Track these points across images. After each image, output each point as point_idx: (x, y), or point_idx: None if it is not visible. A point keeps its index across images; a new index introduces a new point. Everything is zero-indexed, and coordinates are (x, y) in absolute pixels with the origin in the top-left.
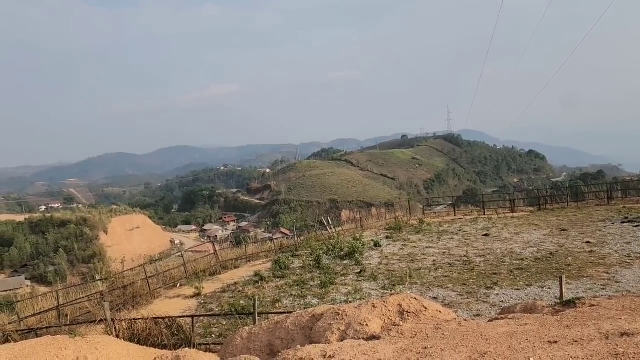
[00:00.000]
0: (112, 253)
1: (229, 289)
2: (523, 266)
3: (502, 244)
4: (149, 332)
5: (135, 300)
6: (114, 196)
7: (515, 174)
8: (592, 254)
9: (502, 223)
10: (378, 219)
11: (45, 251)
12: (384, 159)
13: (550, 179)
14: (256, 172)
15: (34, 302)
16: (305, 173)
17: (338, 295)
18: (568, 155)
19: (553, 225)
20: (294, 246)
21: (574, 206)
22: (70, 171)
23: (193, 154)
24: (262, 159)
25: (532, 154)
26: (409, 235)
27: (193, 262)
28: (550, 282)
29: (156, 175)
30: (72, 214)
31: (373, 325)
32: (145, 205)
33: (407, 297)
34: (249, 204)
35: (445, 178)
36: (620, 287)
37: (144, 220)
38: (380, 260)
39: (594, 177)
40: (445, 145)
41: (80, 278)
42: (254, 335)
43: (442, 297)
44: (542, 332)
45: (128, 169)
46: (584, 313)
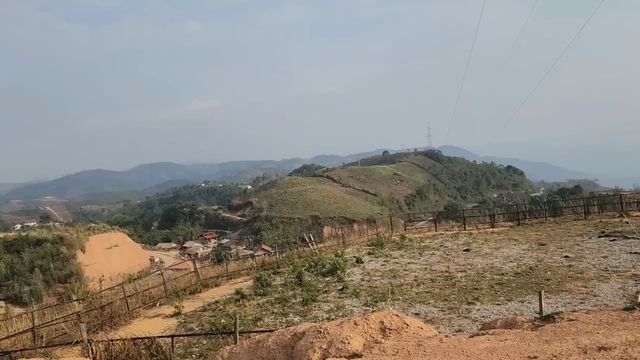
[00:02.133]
0: (89, 272)
1: (210, 307)
2: (503, 281)
3: (482, 259)
4: (127, 354)
5: (113, 321)
6: (92, 214)
7: (495, 189)
8: (571, 268)
9: (483, 238)
10: (360, 235)
11: (20, 271)
12: (365, 174)
13: (529, 194)
14: (237, 188)
15: (7, 323)
16: (287, 189)
17: (320, 312)
18: (546, 171)
19: (532, 240)
20: (276, 263)
21: (552, 221)
22: (47, 189)
23: (174, 170)
24: (244, 175)
25: (510, 170)
26: (390, 251)
27: (173, 280)
28: (530, 297)
29: (136, 192)
30: (49, 233)
31: (355, 343)
32: (124, 222)
33: (388, 314)
34: (230, 220)
35: (427, 193)
36: (598, 300)
37: (122, 238)
38: (362, 277)
39: (571, 192)
40: (426, 161)
41: (57, 298)
42: (234, 355)
43: (424, 312)
44: (522, 347)
45: (107, 186)
46: (563, 328)
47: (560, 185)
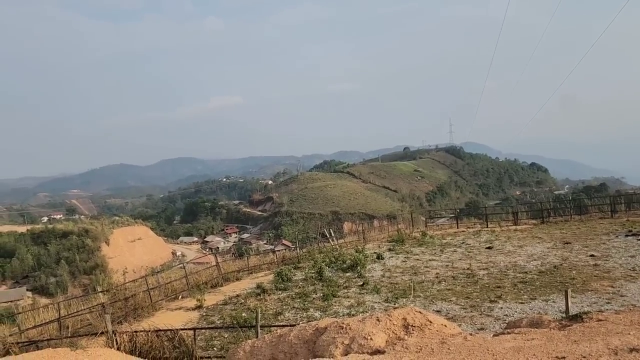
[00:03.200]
0: (113, 264)
1: (231, 301)
2: (527, 279)
3: (505, 257)
4: (151, 345)
5: (136, 312)
6: (116, 207)
7: (518, 187)
8: (597, 268)
9: (505, 236)
10: (380, 231)
11: (47, 262)
12: (386, 171)
13: (553, 192)
14: (258, 183)
15: (34, 313)
16: (307, 185)
17: (340, 308)
18: (570, 168)
19: (556, 238)
20: (296, 258)
21: (577, 219)
22: (73, 182)
23: (195, 165)
24: (264, 170)
25: (534, 167)
26: (411, 248)
27: (195, 273)
28: (555, 296)
29: (158, 187)
30: (74, 225)
31: (377, 340)
32: (147, 216)
33: (411, 310)
34: (251, 215)
35: (448, 190)
36: (626, 301)
37: (145, 232)
38: (382, 273)
39: (597, 190)
40: (447, 157)
41: (82, 289)
42: (256, 349)
43: (446, 310)
44: (549, 347)
45: (130, 180)
46: (592, 328)
47: (585, 183)
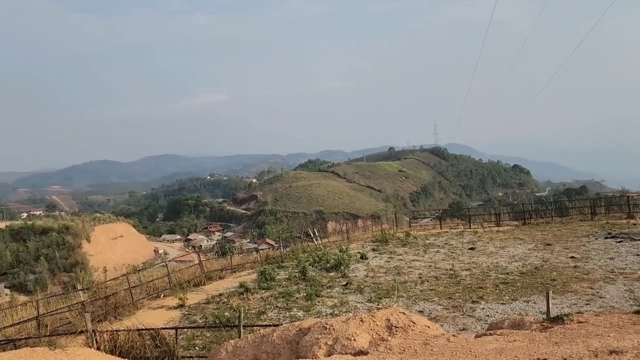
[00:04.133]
0: (94, 262)
1: (214, 300)
2: (508, 280)
3: (487, 257)
4: (132, 344)
5: (117, 311)
6: (98, 204)
7: (500, 188)
8: (577, 269)
9: (488, 237)
10: (364, 231)
11: (26, 259)
12: (370, 170)
13: (535, 194)
14: (242, 182)
15: (12, 311)
16: (292, 184)
17: (324, 307)
18: (552, 171)
19: (538, 239)
20: (280, 257)
21: (558, 221)
22: (54, 178)
23: (179, 162)
24: (249, 169)
25: (516, 169)
26: (395, 248)
27: (177, 272)
28: (536, 297)
29: (141, 184)
30: (54, 222)
31: (361, 340)
32: (129, 213)
33: (395, 311)
34: (234, 214)
35: (432, 191)
36: (605, 302)
37: (127, 229)
38: (366, 273)
39: (578, 193)
40: (432, 158)
41: (62, 287)
42: (239, 349)
43: (428, 310)
44: (531, 348)
45: (113, 176)
46: (572, 330)
47: (566, 185)
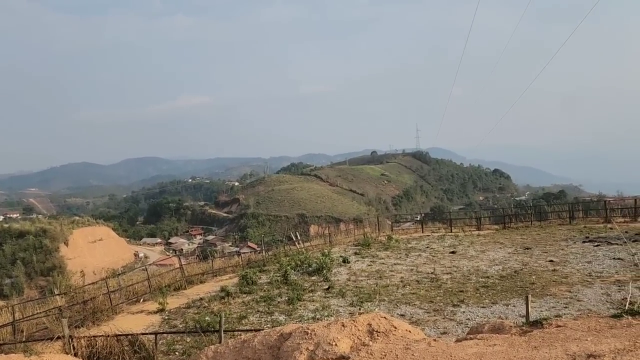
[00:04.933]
0: (72, 266)
1: (194, 304)
2: (489, 284)
3: (468, 261)
4: (110, 350)
5: (95, 316)
6: (77, 207)
7: (481, 192)
8: (555, 273)
9: (469, 240)
10: (347, 235)
11: (2, 263)
12: (353, 174)
13: (515, 198)
14: (224, 185)
15: None
16: (274, 187)
17: (306, 311)
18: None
19: (517, 243)
20: (262, 261)
21: (538, 225)
22: (31, 180)
23: (161, 165)
24: (231, 172)
25: (497, 173)
26: (377, 252)
27: (157, 276)
28: (515, 300)
29: (121, 187)
30: (31, 225)
31: (342, 345)
32: (109, 216)
33: (376, 316)
34: (216, 217)
35: (413, 195)
36: (582, 305)
37: (107, 232)
38: (348, 277)
39: (556, 197)
40: (414, 162)
41: (38, 291)
42: (219, 355)
43: (410, 314)
44: (510, 353)
45: (92, 179)
46: (551, 334)
47: (545, 189)
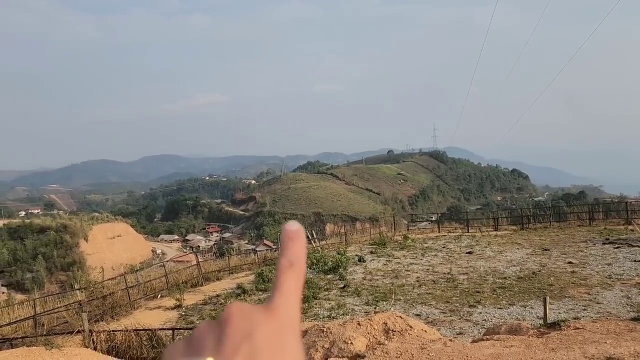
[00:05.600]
0: (92, 261)
1: (211, 301)
2: (506, 285)
3: (485, 262)
4: (129, 345)
5: (114, 311)
6: (96, 204)
7: (499, 193)
8: (574, 275)
9: (486, 241)
10: (363, 234)
11: (24, 258)
12: (369, 173)
13: (533, 199)
14: (241, 183)
15: (9, 310)
16: (291, 185)
17: (321, 310)
18: (551, 175)
19: (536, 244)
20: (278, 259)
21: (557, 226)
22: (52, 177)
23: (178, 163)
24: (248, 170)
25: (515, 173)
26: (393, 251)
27: (175, 273)
28: (533, 302)
29: (140, 184)
30: (53, 221)
31: (358, 344)
32: (128, 213)
33: (392, 315)
34: (233, 215)
35: (430, 194)
36: (602, 308)
37: (126, 229)
38: (364, 276)
39: (576, 198)
40: (431, 162)
41: (59, 286)
42: None
43: (426, 314)
44: (528, 355)
45: (112, 176)
46: (570, 336)
47: (565, 190)
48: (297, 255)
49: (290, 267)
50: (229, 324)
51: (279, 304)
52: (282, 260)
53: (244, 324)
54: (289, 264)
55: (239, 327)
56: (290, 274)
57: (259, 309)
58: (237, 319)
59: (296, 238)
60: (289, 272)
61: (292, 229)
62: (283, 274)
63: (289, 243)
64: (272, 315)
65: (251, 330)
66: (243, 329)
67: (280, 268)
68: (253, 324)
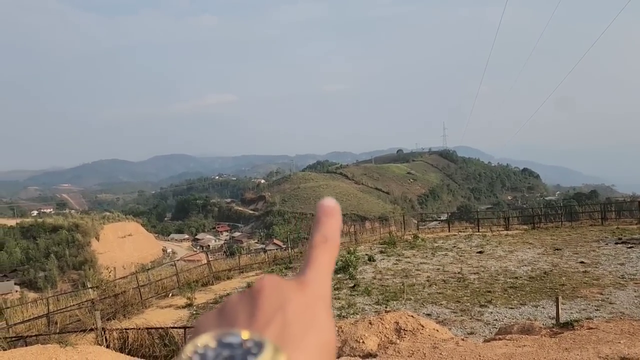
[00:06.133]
0: (103, 260)
1: (221, 300)
2: (517, 285)
3: (496, 261)
4: (141, 343)
5: (126, 309)
6: (107, 203)
7: (509, 192)
8: (586, 274)
9: (497, 240)
10: (372, 233)
11: (36, 256)
12: (379, 172)
13: (544, 198)
14: (251, 182)
15: (23, 308)
16: (300, 185)
17: (331, 309)
18: (562, 174)
19: (547, 244)
20: (288, 258)
21: (568, 225)
22: (64, 176)
23: (188, 162)
24: (257, 169)
25: (526, 172)
26: (403, 251)
27: (185, 271)
28: (544, 302)
29: (150, 183)
30: (64, 220)
31: (369, 343)
32: (138, 212)
33: (404, 314)
34: (242, 214)
35: (440, 193)
36: (614, 308)
37: (136, 228)
38: (374, 275)
39: (588, 197)
40: (440, 160)
41: (71, 284)
42: None
43: (436, 313)
44: (540, 354)
45: (122, 175)
46: (583, 336)
47: (576, 189)
48: (332, 231)
49: (324, 242)
50: (261, 296)
51: (311, 277)
52: (316, 235)
53: (275, 297)
54: (323, 239)
55: (271, 299)
56: (324, 249)
57: (290, 282)
58: (269, 291)
59: (332, 214)
60: (323, 246)
61: (329, 205)
62: (316, 248)
63: (324, 219)
64: (303, 289)
65: (283, 302)
66: (275, 301)
67: (313, 242)
68: (285, 296)
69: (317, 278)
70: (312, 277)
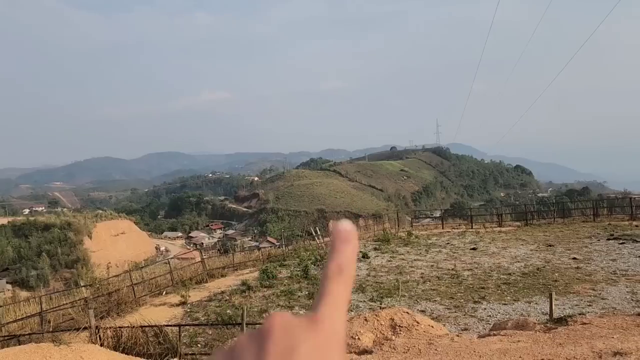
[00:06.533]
0: (96, 258)
1: (216, 297)
2: (510, 281)
3: (489, 258)
4: (135, 341)
5: (120, 308)
6: (100, 201)
7: (502, 189)
8: (579, 270)
9: (490, 237)
10: (366, 230)
11: (28, 255)
12: (372, 170)
13: (537, 194)
14: (244, 180)
15: (15, 307)
16: (294, 182)
17: None
18: (554, 171)
19: (540, 240)
20: (282, 256)
21: (561, 222)
22: (56, 174)
23: (182, 160)
24: (251, 167)
25: (518, 169)
26: (397, 248)
27: (179, 269)
28: (537, 298)
29: (143, 181)
30: (57, 218)
31: (365, 339)
32: (131, 210)
33: (399, 311)
34: (236, 211)
35: (433, 191)
36: (607, 304)
37: (129, 226)
38: (368, 272)
39: (580, 194)
40: (434, 158)
41: (63, 283)
42: None
43: (430, 310)
44: (535, 350)
45: (115, 173)
46: (576, 331)
47: (568, 186)
48: (348, 259)
49: (339, 272)
50: (270, 338)
51: (325, 314)
52: (330, 265)
53: (286, 338)
54: (338, 270)
55: (281, 341)
56: (339, 281)
57: (302, 320)
58: (279, 332)
59: (348, 240)
60: (338, 278)
61: (345, 229)
62: (331, 280)
63: (340, 245)
64: (316, 328)
65: (294, 345)
66: (285, 343)
67: (328, 273)
68: (296, 337)
69: (331, 315)
70: (325, 313)
